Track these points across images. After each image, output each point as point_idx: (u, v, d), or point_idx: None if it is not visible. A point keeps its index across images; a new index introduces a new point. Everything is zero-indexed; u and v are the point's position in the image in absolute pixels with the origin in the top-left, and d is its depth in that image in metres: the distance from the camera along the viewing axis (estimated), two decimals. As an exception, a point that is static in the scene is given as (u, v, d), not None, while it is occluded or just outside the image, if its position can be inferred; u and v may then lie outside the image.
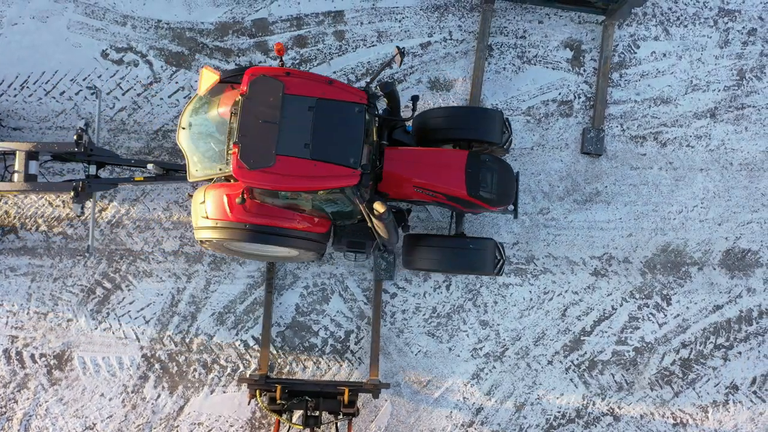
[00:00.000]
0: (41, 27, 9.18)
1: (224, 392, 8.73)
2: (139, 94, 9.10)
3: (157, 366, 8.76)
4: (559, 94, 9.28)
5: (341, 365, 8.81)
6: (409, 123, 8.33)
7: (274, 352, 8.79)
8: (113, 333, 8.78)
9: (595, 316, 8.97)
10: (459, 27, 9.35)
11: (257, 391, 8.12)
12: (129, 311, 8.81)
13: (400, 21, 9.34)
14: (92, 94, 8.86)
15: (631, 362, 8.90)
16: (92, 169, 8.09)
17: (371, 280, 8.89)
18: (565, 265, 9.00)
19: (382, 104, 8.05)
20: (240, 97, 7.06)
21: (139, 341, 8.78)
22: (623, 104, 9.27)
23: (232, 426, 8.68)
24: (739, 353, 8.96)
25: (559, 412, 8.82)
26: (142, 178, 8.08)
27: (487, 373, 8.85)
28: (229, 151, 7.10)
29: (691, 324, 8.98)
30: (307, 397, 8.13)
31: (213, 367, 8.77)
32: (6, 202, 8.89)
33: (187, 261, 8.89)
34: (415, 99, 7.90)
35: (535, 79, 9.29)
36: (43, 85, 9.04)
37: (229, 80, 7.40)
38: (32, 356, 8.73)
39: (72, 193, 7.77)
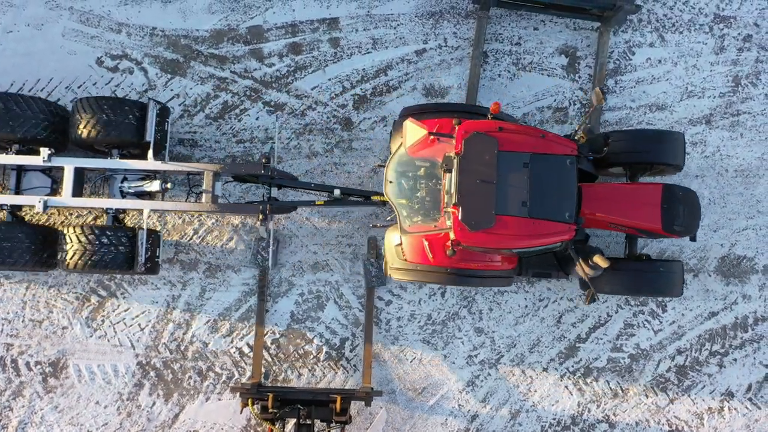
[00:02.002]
0: (36, 34, 9.19)
1: (219, 400, 8.73)
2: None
3: (152, 373, 8.76)
4: (555, 100, 9.28)
5: (336, 373, 8.81)
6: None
7: (269, 359, 8.79)
8: (108, 340, 8.78)
9: (591, 323, 8.96)
10: (454, 34, 9.35)
11: (249, 400, 8.13)
12: (124, 319, 8.81)
13: (395, 28, 9.34)
14: (274, 118, 8.93)
15: (626, 369, 8.90)
16: (271, 192, 8.28)
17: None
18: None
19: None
20: (455, 156, 7.10)
21: (134, 349, 8.79)
22: (618, 111, 9.27)
23: (227, 433, 8.71)
24: (735, 360, 8.95)
25: (554, 419, 8.82)
26: (322, 202, 8.20)
27: (482, 380, 8.85)
28: (446, 210, 7.16)
29: (686, 331, 8.98)
30: (299, 406, 8.13)
31: (208, 375, 8.77)
32: (1, 210, 8.90)
33: (182, 268, 8.89)
34: (607, 137, 7.87)
35: (530, 85, 9.29)
36: (39, 92, 9.04)
37: (438, 134, 7.37)
38: (27, 364, 8.73)
39: (260, 216, 7.97)
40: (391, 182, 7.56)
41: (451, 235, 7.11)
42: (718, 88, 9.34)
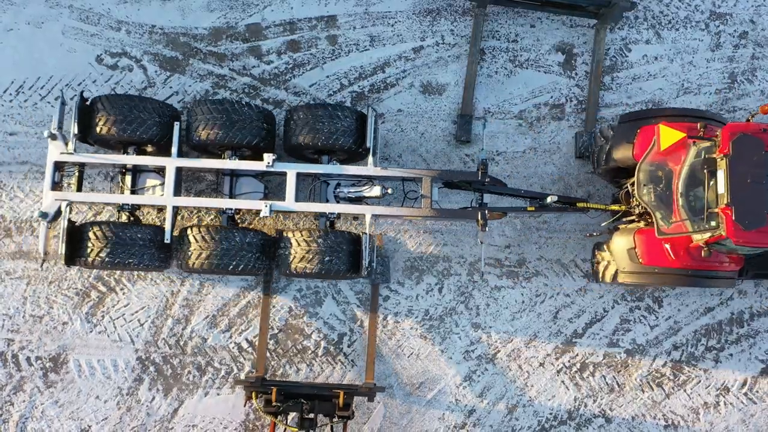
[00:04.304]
0: (36, 32, 9.26)
1: (218, 394, 8.80)
2: (133, 99, 9.18)
3: (151, 368, 8.83)
4: (551, 97, 9.33)
5: (334, 368, 8.87)
6: None
7: (268, 354, 8.85)
8: (108, 336, 8.85)
9: (587, 318, 9.02)
10: (451, 31, 9.40)
11: (253, 393, 8.19)
12: (124, 314, 8.88)
13: (392, 25, 9.40)
14: (482, 122, 8.87)
15: (622, 364, 8.95)
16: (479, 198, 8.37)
17: (364, 283, 8.95)
18: (557, 267, 9.05)
19: None
20: (722, 157, 7.30)
21: (133, 344, 8.85)
22: (615, 107, 9.32)
23: (226, 428, 8.75)
24: (731, 355, 9.00)
25: (550, 413, 8.88)
26: (533, 208, 8.29)
27: (479, 375, 8.91)
28: (710, 210, 7.34)
29: (682, 326, 9.03)
30: (302, 400, 8.19)
31: (207, 370, 8.83)
32: (2, 206, 8.96)
33: (181, 264, 8.95)
34: None
35: (527, 82, 9.35)
36: (39, 90, 9.11)
37: (697, 137, 7.54)
38: (28, 359, 8.80)
39: (481, 221, 8.05)
40: (645, 185, 7.75)
41: (698, 239, 7.31)
42: (714, 85, 9.39)
